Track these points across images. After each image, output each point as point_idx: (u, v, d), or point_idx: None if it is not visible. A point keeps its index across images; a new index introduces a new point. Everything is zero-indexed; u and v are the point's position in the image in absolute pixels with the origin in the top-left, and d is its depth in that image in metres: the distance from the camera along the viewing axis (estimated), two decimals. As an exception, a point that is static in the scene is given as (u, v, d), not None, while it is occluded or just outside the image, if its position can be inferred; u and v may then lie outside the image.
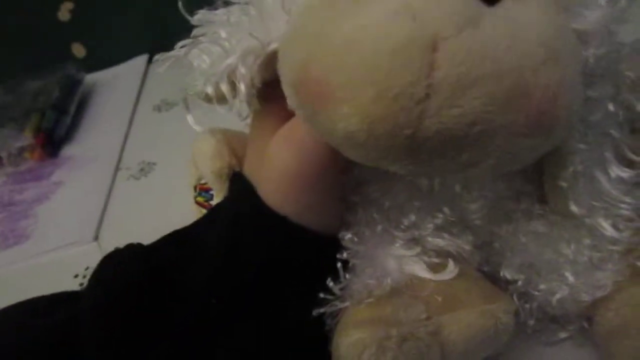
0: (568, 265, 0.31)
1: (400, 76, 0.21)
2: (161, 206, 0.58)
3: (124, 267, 0.32)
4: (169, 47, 0.32)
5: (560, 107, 0.23)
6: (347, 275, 0.31)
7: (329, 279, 0.31)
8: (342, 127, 0.22)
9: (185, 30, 0.32)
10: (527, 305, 0.33)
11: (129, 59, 0.86)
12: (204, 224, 0.34)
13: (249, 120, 0.33)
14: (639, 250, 0.31)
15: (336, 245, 0.32)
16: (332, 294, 0.31)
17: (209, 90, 0.29)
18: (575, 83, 0.24)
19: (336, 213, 0.32)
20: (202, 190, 0.49)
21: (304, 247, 0.31)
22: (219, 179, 0.43)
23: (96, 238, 0.58)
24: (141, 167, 0.66)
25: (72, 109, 0.77)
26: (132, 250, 0.33)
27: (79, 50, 0.87)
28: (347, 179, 0.32)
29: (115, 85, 0.83)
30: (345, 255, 0.31)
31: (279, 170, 0.30)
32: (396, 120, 0.21)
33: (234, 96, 0.29)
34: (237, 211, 0.32)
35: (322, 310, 0.31)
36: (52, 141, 0.73)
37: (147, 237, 0.35)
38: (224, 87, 0.29)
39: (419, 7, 0.21)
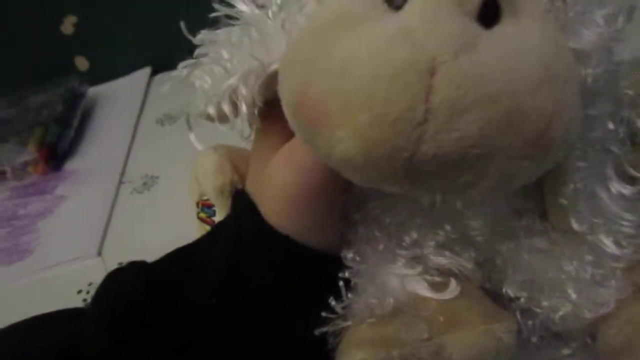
0: (570, 282, 0.31)
1: (398, 101, 0.21)
2: (164, 220, 0.59)
3: (127, 285, 0.32)
4: (171, 60, 0.33)
5: (557, 128, 0.23)
6: (350, 294, 0.31)
7: (331, 298, 0.31)
8: (340, 150, 0.23)
9: (187, 44, 0.32)
10: (530, 322, 0.33)
11: (132, 72, 0.87)
12: (207, 241, 0.34)
13: (251, 139, 0.33)
14: (638, 266, 0.31)
15: (338, 263, 0.32)
16: (335, 312, 0.31)
17: (211, 110, 0.30)
18: (572, 103, 0.24)
19: (337, 231, 0.32)
20: (205, 206, 0.49)
21: (306, 266, 0.31)
22: (220, 195, 0.43)
23: (99, 253, 0.58)
24: (144, 181, 0.66)
25: (76, 122, 0.77)
26: (135, 268, 0.34)
27: (82, 63, 0.88)
28: (349, 197, 0.32)
29: (118, 98, 0.83)
30: (347, 274, 0.31)
31: (280, 190, 0.30)
32: (394, 144, 0.21)
33: (236, 116, 0.30)
34: (239, 230, 0.32)
35: (324, 329, 0.31)
36: (56, 155, 0.73)
37: (150, 251, 0.35)
38: (226, 107, 0.29)
39: (417, 31, 0.21)
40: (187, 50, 0.32)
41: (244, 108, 0.29)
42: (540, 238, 0.32)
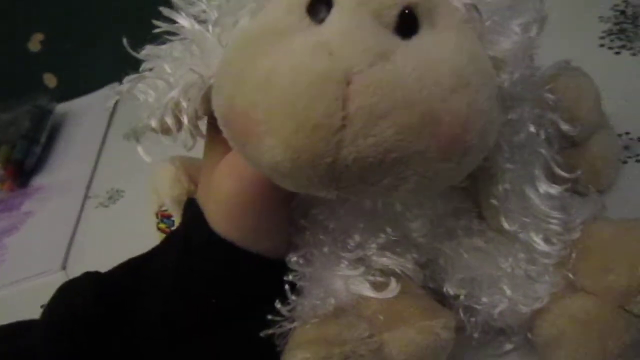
0: (506, 279, 0.33)
1: (317, 109, 0.22)
2: (129, 233, 0.59)
3: (78, 296, 0.33)
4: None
5: (471, 132, 0.24)
6: (295, 297, 0.32)
7: (277, 301, 0.32)
8: (267, 158, 0.24)
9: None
10: (473, 319, 0.34)
11: (100, 87, 0.87)
12: (159, 251, 0.35)
13: (197, 150, 0.34)
14: (571, 262, 0.33)
15: (285, 268, 0.33)
16: (281, 315, 0.32)
17: (154, 123, 0.31)
18: (488, 108, 0.25)
19: (283, 237, 0.33)
20: (164, 217, 0.50)
21: (251, 271, 0.32)
22: (178, 206, 0.44)
23: (64, 267, 0.58)
24: (110, 195, 0.67)
25: (43, 139, 0.78)
26: (88, 279, 0.34)
27: (50, 80, 0.88)
28: (295, 204, 0.33)
29: (86, 114, 0.84)
30: (291, 277, 0.32)
31: (223, 197, 0.31)
32: (316, 150, 0.22)
33: (179, 128, 0.31)
34: (188, 238, 0.33)
35: (270, 331, 0.32)
36: (23, 172, 0.74)
37: (115, 264, 0.36)
38: (169, 120, 0.30)
39: (335, 43, 0.23)
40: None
41: (185, 120, 0.30)
42: (478, 237, 0.34)
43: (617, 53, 0.59)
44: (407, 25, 0.24)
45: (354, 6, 0.24)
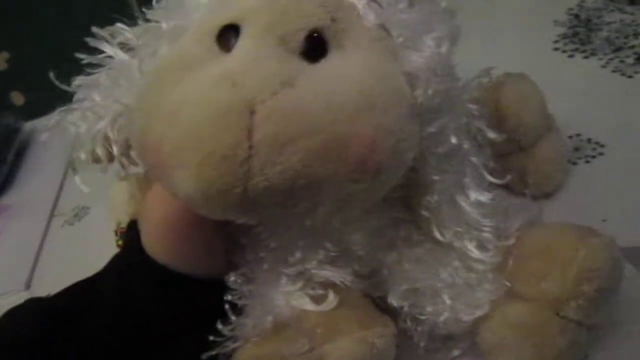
0: (447, 289, 0.33)
1: (222, 140, 0.22)
2: (93, 252, 0.58)
3: (23, 323, 0.33)
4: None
5: (380, 153, 0.24)
6: (237, 316, 0.32)
7: (218, 321, 0.32)
8: (180, 189, 0.24)
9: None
10: (419, 328, 0.35)
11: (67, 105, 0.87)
12: (103, 273, 0.35)
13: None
14: (508, 269, 0.33)
15: (224, 287, 0.33)
16: (223, 335, 0.32)
17: (83, 155, 0.31)
18: (398, 127, 0.25)
19: (219, 257, 0.33)
20: (122, 234, 0.50)
21: (186, 292, 0.32)
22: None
23: (28, 287, 0.58)
24: (75, 213, 0.67)
25: (10, 157, 0.78)
26: (33, 305, 0.34)
27: (18, 98, 0.88)
28: (233, 223, 0.34)
29: (53, 131, 0.83)
30: (231, 297, 0.32)
31: (153, 223, 0.31)
32: (225, 180, 0.23)
33: (110, 159, 0.31)
34: (125, 261, 0.33)
35: (214, 352, 0.32)
36: (-11, 191, 0.73)
37: None
38: (100, 151, 0.31)
39: (239, 73, 0.23)
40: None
41: (115, 151, 0.30)
42: (419, 247, 0.34)
43: (571, 56, 0.59)
44: (314, 49, 0.25)
45: (259, 33, 0.24)
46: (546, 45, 0.62)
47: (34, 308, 0.34)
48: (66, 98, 0.91)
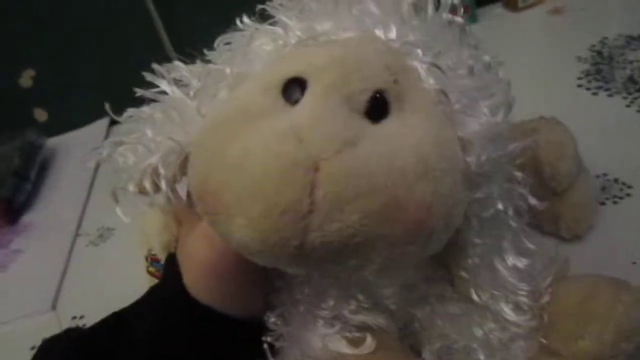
0: (482, 347, 0.33)
1: (285, 194, 0.23)
2: (118, 273, 0.59)
3: (60, 356, 0.34)
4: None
5: (435, 217, 0.25)
6: (275, 358, 0.33)
7: None
8: (237, 237, 0.25)
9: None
10: None
11: (90, 122, 0.88)
12: (139, 306, 0.36)
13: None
14: (543, 325, 0.33)
15: (263, 329, 0.33)
16: None
17: (131, 188, 0.31)
18: (452, 193, 0.26)
19: (258, 299, 0.34)
20: (154, 261, 0.50)
21: (228, 333, 0.33)
22: (166, 251, 0.45)
23: (54, 307, 0.59)
24: (100, 233, 0.68)
25: (33, 175, 0.78)
26: (68, 337, 0.35)
27: (41, 114, 0.89)
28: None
29: (76, 148, 0.84)
30: (270, 338, 0.33)
31: (197, 263, 0.32)
32: (284, 233, 0.23)
33: (156, 192, 0.32)
34: (165, 298, 0.34)
35: None
36: (13, 209, 0.74)
37: (105, 304, 0.36)
38: (147, 185, 0.31)
39: (304, 129, 0.24)
40: (143, 101, 0.34)
41: (163, 186, 0.31)
42: (452, 304, 0.34)
43: (594, 94, 0.60)
44: (377, 109, 0.25)
45: (326, 91, 0.25)
46: (570, 81, 0.63)
47: (70, 341, 0.34)
48: (89, 115, 0.93)
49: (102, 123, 0.87)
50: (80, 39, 0.84)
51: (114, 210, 0.73)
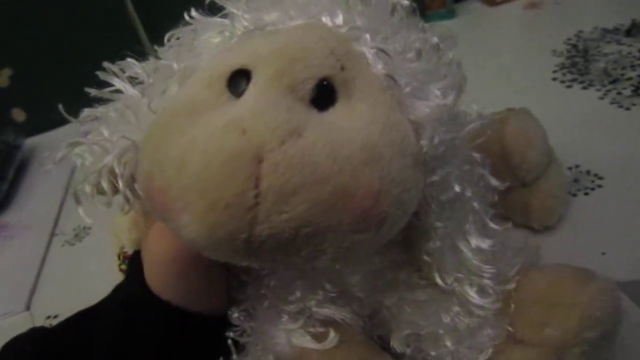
0: (449, 334, 0.33)
1: (229, 187, 0.22)
2: (94, 272, 0.59)
3: (22, 355, 0.33)
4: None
5: (384, 204, 0.24)
6: (239, 353, 0.33)
7: (220, 358, 0.32)
8: (185, 233, 0.24)
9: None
10: None
11: (69, 122, 0.87)
12: (104, 304, 0.35)
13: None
14: (510, 314, 0.33)
15: (227, 324, 0.33)
16: None
17: (87, 189, 0.31)
18: (402, 177, 0.25)
19: (221, 294, 0.34)
20: (126, 259, 0.50)
21: (189, 329, 0.32)
22: (137, 248, 0.44)
23: (28, 308, 0.58)
24: (76, 233, 0.67)
25: (10, 175, 0.78)
26: (31, 337, 0.34)
27: (19, 114, 0.88)
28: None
29: (54, 148, 0.83)
30: (232, 333, 0.33)
31: (155, 259, 0.32)
32: (230, 227, 0.23)
33: (115, 192, 0.31)
34: (128, 295, 0.33)
35: None
36: (-11, 209, 0.73)
37: (79, 305, 0.36)
38: (105, 185, 0.31)
39: (247, 121, 0.23)
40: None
41: (120, 185, 0.30)
42: (420, 291, 0.34)
43: (569, 87, 0.60)
44: (323, 97, 0.25)
45: (269, 81, 0.25)
46: (545, 74, 0.63)
47: (35, 339, 0.34)
48: (64, 117, 0.91)
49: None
50: (58, 38, 0.83)
51: (90, 209, 0.73)
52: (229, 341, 0.33)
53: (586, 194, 0.48)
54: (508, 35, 0.75)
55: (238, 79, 0.26)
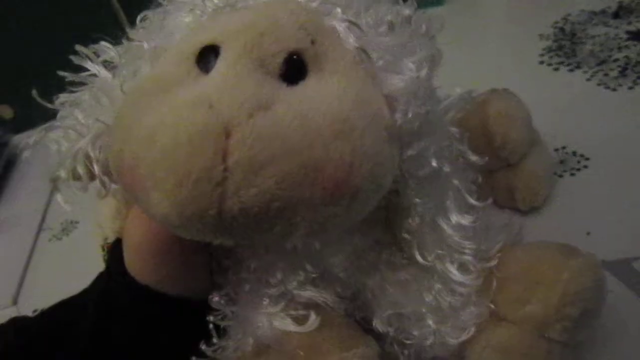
0: (432, 313, 0.33)
1: (197, 163, 0.22)
2: (81, 267, 0.58)
3: (3, 342, 0.33)
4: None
5: (358, 176, 0.24)
6: (220, 337, 0.32)
7: (202, 342, 0.32)
8: (156, 211, 0.24)
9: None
10: (406, 352, 0.34)
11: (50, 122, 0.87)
12: (85, 293, 0.35)
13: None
14: (492, 291, 0.33)
15: (209, 308, 0.33)
16: (206, 356, 0.32)
17: (63, 174, 0.30)
18: (375, 150, 0.25)
19: (202, 278, 0.33)
20: (109, 249, 0.50)
21: (169, 313, 0.32)
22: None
23: (15, 303, 0.58)
24: (63, 227, 0.67)
25: (-2, 171, 0.77)
26: (12, 326, 0.34)
27: (6, 111, 0.88)
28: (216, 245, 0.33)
29: (43, 145, 0.83)
30: (213, 318, 0.32)
31: (134, 244, 0.31)
32: (199, 203, 0.22)
33: (91, 177, 0.31)
34: (108, 281, 0.33)
35: None
36: (-23, 206, 0.73)
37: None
38: (80, 170, 0.30)
39: (215, 96, 0.23)
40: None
41: (96, 170, 0.30)
42: (402, 271, 0.34)
43: (556, 69, 0.60)
44: (293, 71, 0.25)
45: (237, 55, 0.24)
46: (532, 58, 0.62)
47: (16, 327, 0.34)
48: (55, 112, 0.91)
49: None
50: (46, 34, 0.83)
51: (78, 203, 0.73)
52: (210, 325, 0.32)
53: (572, 174, 0.48)
54: (496, 20, 0.74)
55: (207, 55, 0.25)
